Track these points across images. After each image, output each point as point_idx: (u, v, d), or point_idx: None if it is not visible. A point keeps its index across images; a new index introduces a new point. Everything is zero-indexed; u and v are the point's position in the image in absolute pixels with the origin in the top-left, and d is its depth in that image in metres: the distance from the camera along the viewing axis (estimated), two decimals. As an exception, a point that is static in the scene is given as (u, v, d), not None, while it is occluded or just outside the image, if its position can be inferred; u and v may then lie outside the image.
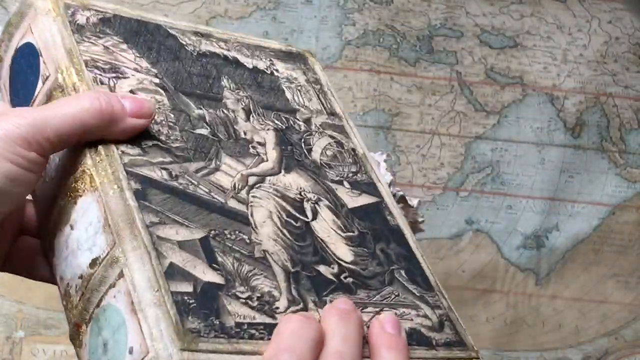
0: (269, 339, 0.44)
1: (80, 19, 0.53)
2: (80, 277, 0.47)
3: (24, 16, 0.53)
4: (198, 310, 0.43)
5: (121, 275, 0.43)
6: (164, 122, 0.50)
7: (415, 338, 0.51)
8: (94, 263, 0.45)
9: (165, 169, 0.48)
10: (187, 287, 0.43)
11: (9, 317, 1.05)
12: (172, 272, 0.43)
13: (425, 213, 1.05)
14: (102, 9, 0.55)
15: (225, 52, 0.58)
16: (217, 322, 0.43)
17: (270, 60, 0.60)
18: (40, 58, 0.50)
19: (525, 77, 1.04)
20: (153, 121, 0.50)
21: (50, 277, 0.52)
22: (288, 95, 0.58)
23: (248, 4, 1.01)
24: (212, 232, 0.47)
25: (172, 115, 0.51)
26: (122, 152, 0.48)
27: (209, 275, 0.44)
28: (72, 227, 0.49)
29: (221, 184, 0.49)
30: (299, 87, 0.59)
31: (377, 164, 0.60)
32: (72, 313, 0.49)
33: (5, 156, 0.45)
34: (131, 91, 0.51)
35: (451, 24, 1.03)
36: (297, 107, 0.58)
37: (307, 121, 0.57)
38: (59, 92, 0.49)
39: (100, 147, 0.48)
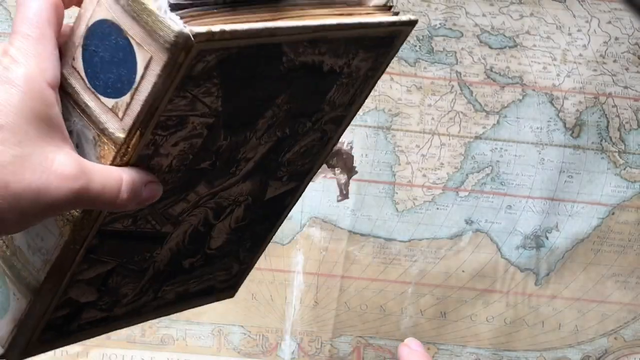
0: (101, 325, 0.60)
1: (199, 66, 0.46)
2: (10, 241, 0.55)
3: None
4: (55, 325, 0.57)
5: (28, 299, 0.54)
6: (174, 167, 0.52)
7: (203, 290, 0.67)
8: (25, 259, 0.54)
9: (135, 215, 0.54)
10: (64, 312, 0.56)
11: (9, 317, 1.05)
12: (63, 304, 0.55)
13: (425, 213, 1.05)
14: (233, 42, 0.47)
15: (317, 58, 0.54)
16: (65, 329, 0.58)
17: (353, 54, 0.56)
18: (136, 72, 0.46)
19: (524, 77, 1.04)
20: (167, 169, 0.52)
21: None
22: (330, 93, 0.58)
23: None
24: (124, 259, 0.57)
25: (191, 157, 0.52)
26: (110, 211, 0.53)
27: (88, 297, 0.57)
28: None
29: (173, 213, 0.56)
30: (351, 80, 0.58)
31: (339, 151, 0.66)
32: None
33: (43, 216, 0.48)
34: (175, 143, 0.50)
35: (451, 24, 1.03)
36: (325, 106, 0.59)
37: (317, 121, 0.59)
38: (109, 145, 0.48)
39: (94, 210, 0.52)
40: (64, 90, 0.48)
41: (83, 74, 0.48)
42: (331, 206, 1.05)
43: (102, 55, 0.47)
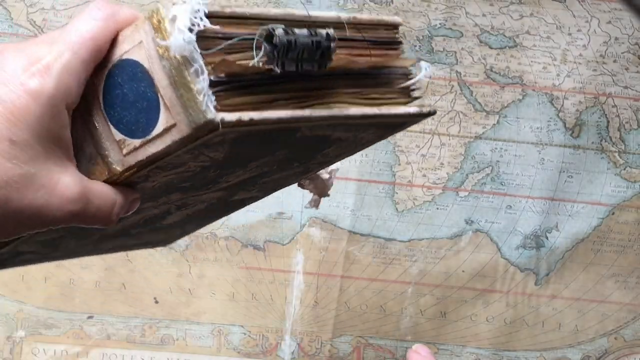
0: (35, 261, 0.63)
1: (216, 139, 0.45)
2: None
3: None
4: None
5: None
6: (157, 187, 0.52)
7: (140, 243, 0.68)
8: None
9: None
10: (4, 257, 0.57)
11: (9, 317, 1.05)
12: (14, 253, 0.57)
13: (425, 213, 1.05)
14: (257, 127, 0.46)
15: (329, 132, 0.54)
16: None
17: (364, 130, 0.56)
18: (155, 128, 0.46)
19: (524, 77, 1.04)
20: (150, 188, 0.52)
21: None
22: (328, 150, 0.57)
23: (248, 4, 1.02)
24: (78, 231, 0.57)
25: (175, 182, 0.52)
26: None
27: (32, 249, 0.58)
28: None
29: (140, 208, 0.55)
30: (351, 144, 0.58)
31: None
32: None
33: (38, 230, 0.48)
34: (166, 175, 0.50)
35: (451, 24, 1.03)
36: (319, 156, 0.58)
37: (304, 164, 0.59)
38: (103, 169, 0.48)
39: None
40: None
41: (100, 95, 0.47)
42: (331, 206, 1.05)
43: (126, 93, 0.46)
